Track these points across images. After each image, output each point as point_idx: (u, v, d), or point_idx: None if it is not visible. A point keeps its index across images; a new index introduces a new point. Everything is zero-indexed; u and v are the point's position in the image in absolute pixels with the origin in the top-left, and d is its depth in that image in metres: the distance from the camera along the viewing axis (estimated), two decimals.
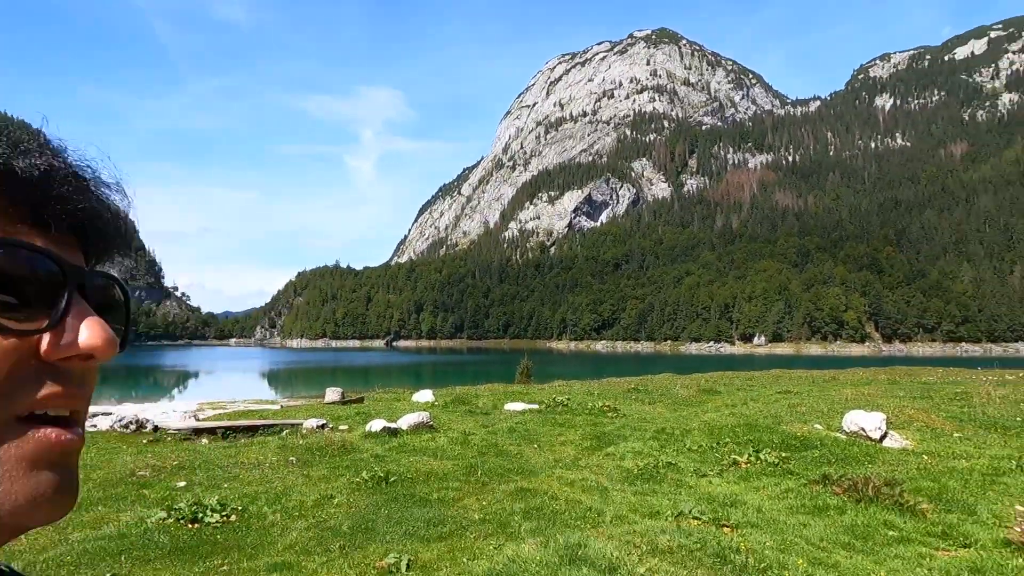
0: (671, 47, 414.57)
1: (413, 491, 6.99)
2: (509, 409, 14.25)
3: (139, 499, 6.61)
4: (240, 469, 7.94)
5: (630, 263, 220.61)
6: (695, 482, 7.76)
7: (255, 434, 10.70)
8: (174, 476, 7.57)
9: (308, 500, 6.56)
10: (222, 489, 6.98)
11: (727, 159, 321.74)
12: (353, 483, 7.26)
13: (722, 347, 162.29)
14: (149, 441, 10.07)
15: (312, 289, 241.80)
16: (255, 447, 9.28)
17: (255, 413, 13.93)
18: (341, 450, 8.88)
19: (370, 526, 5.68)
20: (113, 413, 25.22)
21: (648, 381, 25.60)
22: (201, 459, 8.34)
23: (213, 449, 9.33)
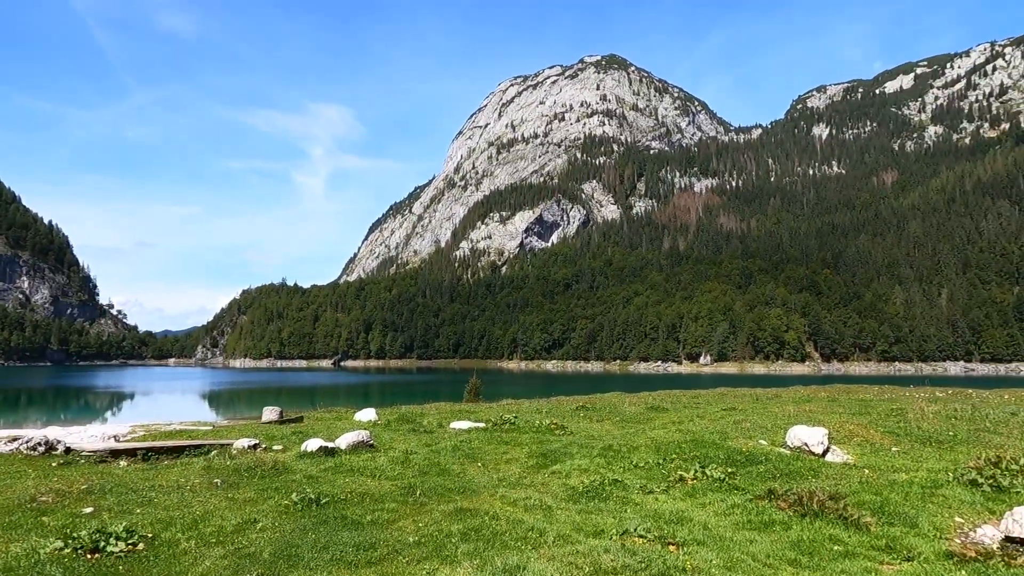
0: (620, 73, 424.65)
1: (345, 513, 6.56)
2: (455, 427, 13.87)
3: (36, 527, 6.00)
4: (157, 493, 7.34)
5: (580, 283, 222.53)
6: (641, 499, 7.58)
7: (181, 455, 10.01)
8: (80, 501, 6.94)
9: (228, 525, 6.07)
10: (134, 515, 6.40)
11: (674, 183, 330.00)
12: (281, 506, 6.79)
13: (669, 366, 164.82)
14: (59, 464, 9.27)
15: (257, 307, 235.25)
16: (177, 469, 8.65)
17: (185, 433, 13.15)
18: (272, 471, 8.37)
19: (294, 552, 5.26)
20: (34, 437, 23.56)
21: (597, 399, 25.56)
22: (114, 483, 7.70)
23: (130, 472, 8.66)
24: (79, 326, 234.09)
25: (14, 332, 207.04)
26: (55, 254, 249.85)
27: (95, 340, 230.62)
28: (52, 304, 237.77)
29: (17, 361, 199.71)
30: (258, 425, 15.25)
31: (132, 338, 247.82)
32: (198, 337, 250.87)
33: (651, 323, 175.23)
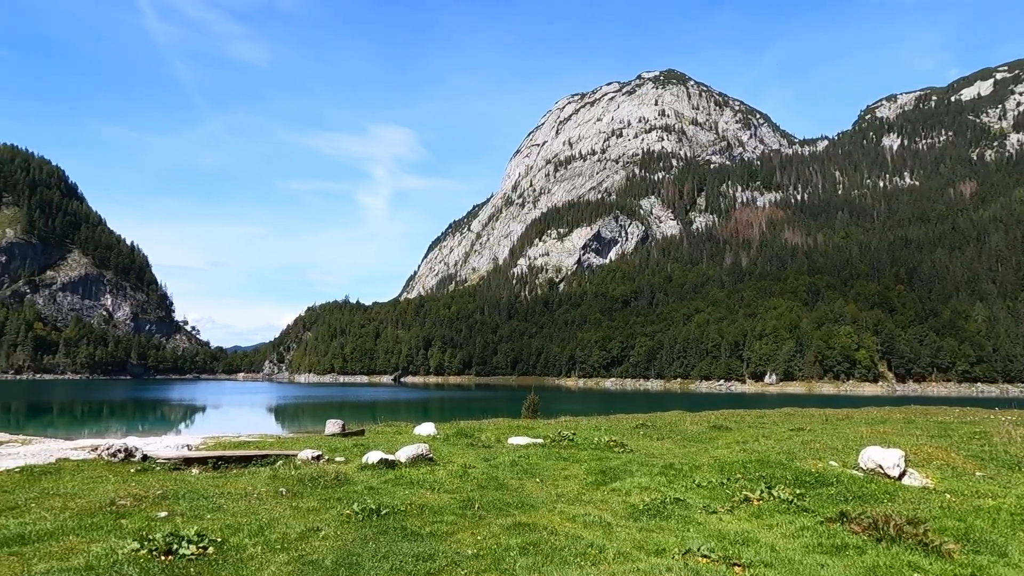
0: (679, 87, 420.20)
1: (405, 525, 6.62)
2: (512, 443, 13.83)
3: (115, 529, 6.29)
4: (226, 500, 7.60)
5: (639, 300, 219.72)
6: (704, 519, 7.35)
7: (248, 465, 10.34)
8: (156, 506, 7.25)
9: (292, 532, 6.22)
10: (204, 520, 6.64)
11: (735, 197, 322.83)
12: (343, 515, 6.91)
13: (732, 385, 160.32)
14: (137, 471, 9.73)
15: (321, 324, 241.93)
16: (245, 477, 8.95)
17: (252, 444, 13.59)
18: (335, 482, 8.54)
19: (355, 561, 5.33)
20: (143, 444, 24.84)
21: (657, 418, 25.03)
22: (187, 489, 8.02)
23: (201, 479, 9.00)
24: (157, 341, 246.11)
25: (98, 347, 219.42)
26: (136, 273, 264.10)
27: (171, 355, 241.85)
28: (132, 320, 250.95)
29: (101, 374, 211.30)
30: (321, 438, 15.62)
31: (205, 353, 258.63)
32: (265, 353, 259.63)
33: (713, 341, 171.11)
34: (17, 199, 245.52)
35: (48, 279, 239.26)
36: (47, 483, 8.60)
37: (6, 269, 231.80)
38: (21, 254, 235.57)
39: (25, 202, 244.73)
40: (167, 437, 36.02)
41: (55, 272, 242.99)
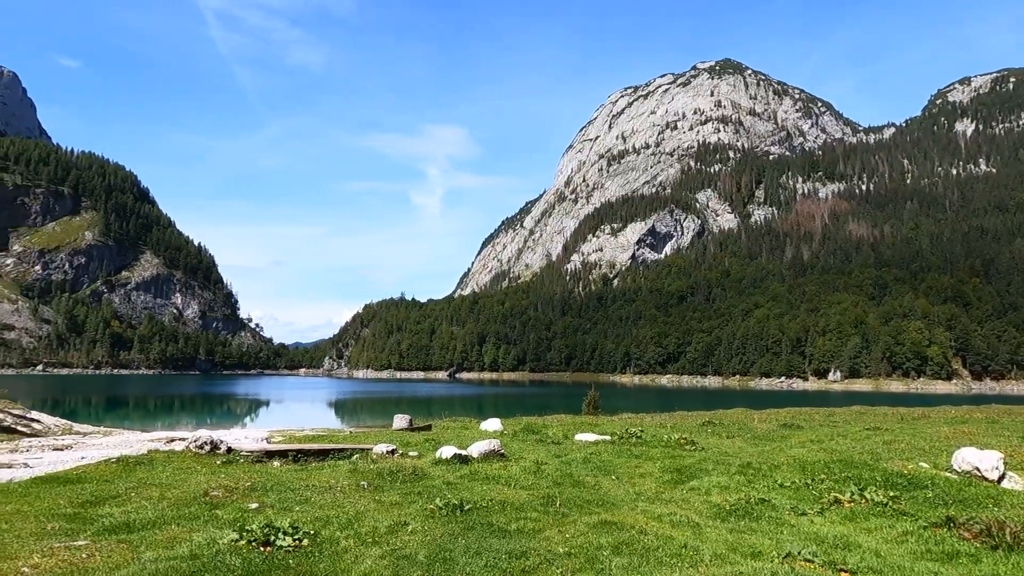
0: (735, 77, 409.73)
1: (489, 520, 6.61)
2: (580, 439, 13.71)
3: (212, 519, 6.50)
4: (311, 492, 7.77)
5: (696, 295, 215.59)
6: (796, 521, 7.07)
7: (326, 458, 10.57)
8: (246, 497, 7.46)
9: (381, 526, 6.28)
10: (294, 512, 6.80)
11: (796, 189, 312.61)
12: (427, 510, 6.96)
13: (794, 382, 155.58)
14: (223, 463, 10.09)
15: (378, 321, 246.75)
16: (326, 470, 9.13)
17: (325, 438, 13.91)
18: (412, 476, 8.62)
19: (448, 556, 5.34)
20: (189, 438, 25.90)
21: (723, 415, 24.45)
22: (273, 481, 8.23)
23: (285, 472, 9.24)
24: (223, 338, 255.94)
25: (169, 344, 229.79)
26: (203, 273, 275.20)
27: (236, 351, 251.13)
28: (200, 318, 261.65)
29: (172, 370, 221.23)
30: (391, 432, 15.86)
31: (268, 350, 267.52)
32: (325, 349, 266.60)
33: (773, 337, 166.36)
34: (95, 203, 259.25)
35: (123, 279, 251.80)
36: (142, 473, 8.99)
37: (85, 270, 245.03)
38: (99, 256, 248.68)
39: (102, 206, 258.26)
40: (234, 430, 37.32)
41: (129, 272, 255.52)
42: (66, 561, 4.94)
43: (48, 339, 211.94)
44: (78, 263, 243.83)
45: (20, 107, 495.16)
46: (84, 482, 8.27)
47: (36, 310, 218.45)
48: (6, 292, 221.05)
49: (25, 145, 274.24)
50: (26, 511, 6.61)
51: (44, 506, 6.84)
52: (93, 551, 5.23)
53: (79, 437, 29.86)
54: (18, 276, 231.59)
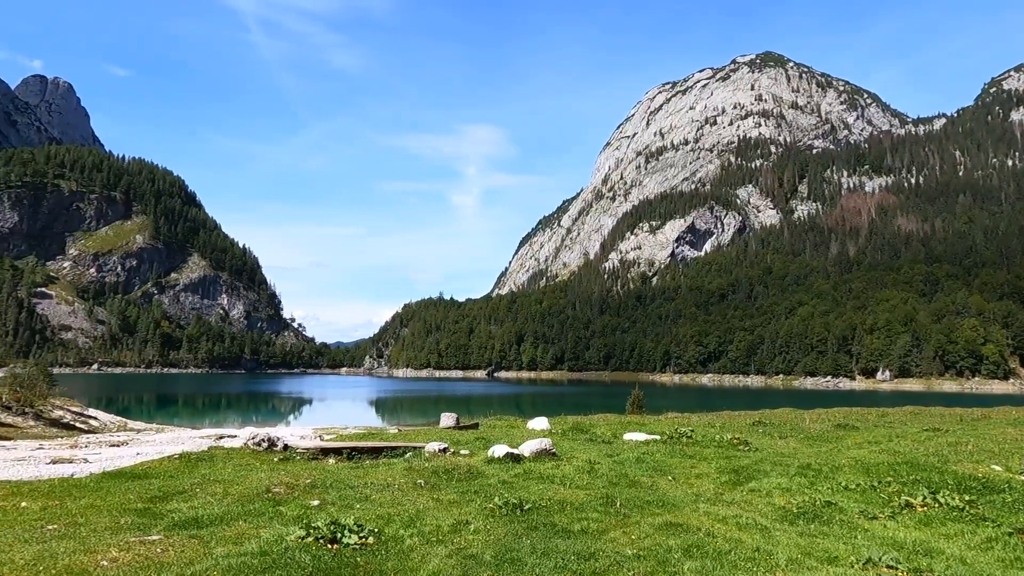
0: (777, 70, 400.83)
1: (551, 520, 6.54)
2: (630, 439, 13.53)
3: (276, 516, 6.58)
4: (370, 490, 7.81)
5: (737, 293, 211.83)
6: (868, 525, 6.81)
7: (379, 456, 10.66)
8: (308, 494, 7.55)
9: (444, 525, 6.27)
10: (355, 509, 6.84)
11: (841, 183, 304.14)
12: (486, 509, 6.92)
13: (840, 382, 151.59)
14: (280, 459, 10.25)
15: (417, 321, 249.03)
16: (382, 468, 9.19)
17: (374, 436, 14.03)
18: (467, 475, 8.60)
19: (515, 556, 5.28)
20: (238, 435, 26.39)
21: (772, 415, 23.89)
22: (332, 478, 8.31)
23: (341, 469, 9.33)
24: (267, 338, 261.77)
25: (216, 343, 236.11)
26: (248, 274, 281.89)
27: (280, 351, 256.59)
28: (246, 318, 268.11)
29: (218, 368, 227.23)
30: (438, 430, 15.92)
31: (310, 349, 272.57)
32: (366, 348, 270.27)
33: (818, 335, 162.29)
34: (145, 208, 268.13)
35: (172, 281, 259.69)
36: (204, 469, 9.20)
37: (137, 272, 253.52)
38: (149, 258, 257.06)
39: (152, 210, 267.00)
40: (280, 428, 38.08)
41: (178, 274, 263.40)
42: (142, 555, 5.04)
43: (102, 339, 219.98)
44: (130, 266, 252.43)
45: (75, 116, 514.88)
46: (150, 478, 8.50)
47: (91, 311, 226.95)
48: (63, 294, 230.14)
49: (80, 152, 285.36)
50: (99, 505, 6.81)
51: (115, 501, 7.04)
52: (166, 546, 5.34)
53: (133, 434, 30.85)
54: (74, 279, 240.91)
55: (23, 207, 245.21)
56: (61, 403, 37.25)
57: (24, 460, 15.58)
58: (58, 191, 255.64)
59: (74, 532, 5.62)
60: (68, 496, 7.25)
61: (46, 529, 5.70)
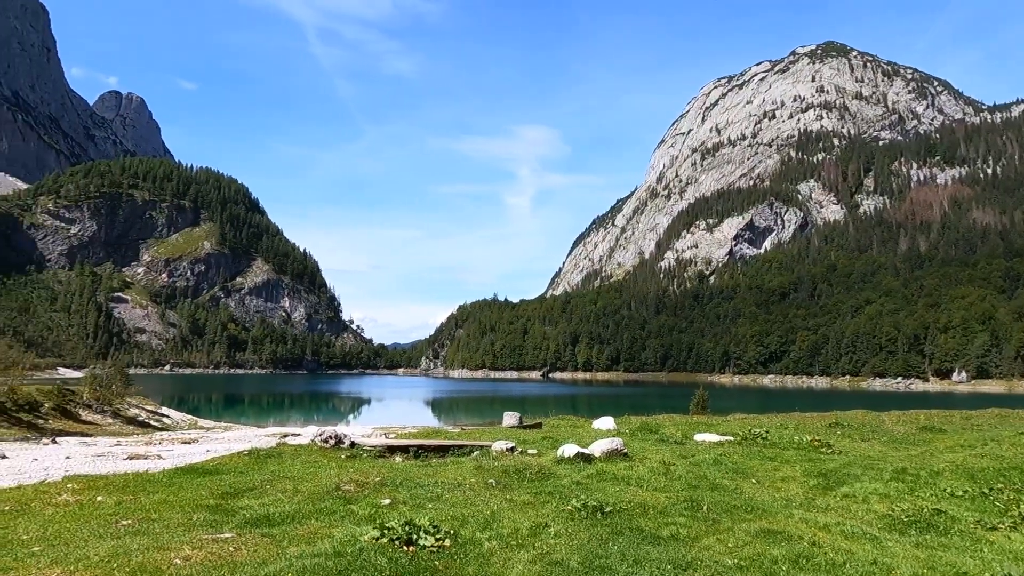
0: (839, 60, 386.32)
1: (636, 525, 6.13)
2: (701, 439, 12.94)
3: (348, 515, 6.40)
4: (441, 489, 7.57)
5: (799, 292, 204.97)
6: (991, 536, 6.15)
7: (446, 454, 10.46)
8: (378, 493, 7.36)
9: (522, 527, 5.95)
10: (427, 509, 6.59)
11: (910, 176, 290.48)
12: (564, 511, 6.57)
13: (912, 383, 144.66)
14: (347, 457, 10.16)
15: (472, 322, 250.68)
16: (451, 467, 8.96)
17: (439, 434, 13.86)
18: (539, 475, 8.27)
19: (604, 564, 4.91)
20: (302, 434, 26.88)
21: (849, 417, 22.69)
22: (401, 476, 8.11)
23: (409, 467, 9.14)
24: (327, 339, 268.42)
25: (279, 345, 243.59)
26: (308, 277, 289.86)
27: (339, 352, 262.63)
28: (307, 320, 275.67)
29: (281, 369, 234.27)
30: (501, 429, 15.67)
31: (369, 350, 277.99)
32: (422, 349, 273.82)
33: (887, 334, 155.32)
34: (212, 215, 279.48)
35: (237, 285, 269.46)
36: (273, 466, 9.17)
37: (205, 277, 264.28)
38: (216, 263, 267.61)
39: (218, 217, 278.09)
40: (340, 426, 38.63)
41: (243, 279, 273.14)
42: (215, 554, 4.92)
43: (174, 341, 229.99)
44: (198, 271, 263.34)
45: (147, 129, 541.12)
46: (221, 473, 8.51)
47: (163, 315, 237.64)
48: (138, 298, 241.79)
49: (152, 164, 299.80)
50: (171, 501, 6.80)
51: (187, 496, 7.02)
52: (239, 544, 5.21)
53: (203, 432, 31.84)
54: (147, 284, 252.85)
55: (101, 216, 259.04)
56: (137, 402, 38.86)
57: (103, 455, 16.11)
58: (132, 201, 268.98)
59: (147, 528, 5.58)
60: (142, 491, 7.29)
61: (120, 524, 5.68)
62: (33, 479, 11.30)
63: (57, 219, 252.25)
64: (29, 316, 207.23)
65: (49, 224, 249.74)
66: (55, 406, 29.75)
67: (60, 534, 5.37)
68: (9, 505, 6.46)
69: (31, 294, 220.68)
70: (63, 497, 6.76)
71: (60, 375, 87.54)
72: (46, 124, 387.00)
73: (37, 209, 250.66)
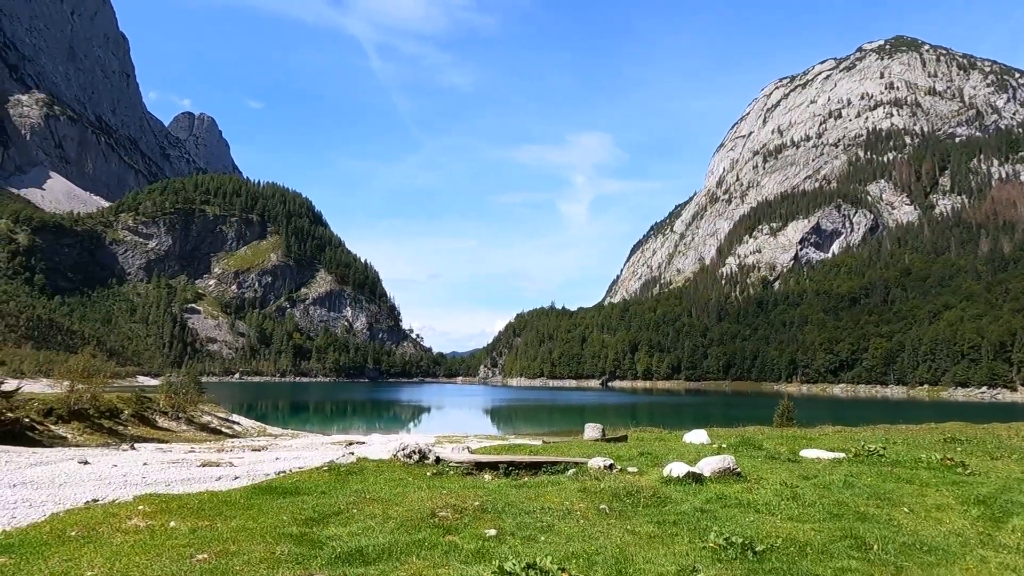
0: (910, 55, 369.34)
1: (802, 570, 5.11)
2: (813, 456, 11.64)
3: (451, 550, 5.56)
4: (549, 516, 6.66)
5: (870, 297, 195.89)
6: None
7: (538, 471, 9.57)
8: (479, 521, 6.51)
9: (667, 572, 5.02)
10: (539, 543, 5.72)
11: (990, 173, 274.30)
12: (705, 549, 5.57)
13: (999, 393, 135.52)
14: (433, 474, 9.36)
15: (529, 330, 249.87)
16: (551, 488, 8.04)
17: (523, 448, 13.01)
18: (654, 499, 7.28)
19: None
20: (366, 441, 26.52)
21: (951, 429, 20.68)
22: (501, 500, 7.25)
23: (505, 488, 8.26)
24: (388, 348, 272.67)
25: (342, 353, 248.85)
26: (369, 287, 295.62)
27: (400, 360, 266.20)
28: (368, 330, 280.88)
29: (344, 377, 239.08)
30: (581, 442, 14.69)
31: (428, 359, 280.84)
32: (480, 358, 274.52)
33: (970, 341, 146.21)
34: (277, 228, 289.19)
35: (302, 295, 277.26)
36: (356, 484, 8.46)
37: (271, 288, 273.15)
38: (282, 274, 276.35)
39: (283, 230, 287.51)
40: (401, 434, 38.33)
41: (307, 289, 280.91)
42: None
43: (243, 350, 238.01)
44: (265, 282, 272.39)
45: (217, 147, 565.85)
46: (302, 494, 7.81)
47: (233, 325, 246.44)
48: (209, 309, 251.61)
49: (222, 180, 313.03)
50: (251, 528, 6.11)
51: (268, 523, 6.32)
52: None
53: (271, 439, 32.02)
54: (218, 295, 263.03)
55: (175, 231, 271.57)
56: (209, 409, 39.64)
57: (177, 462, 16.13)
58: (204, 216, 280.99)
59: (227, 565, 4.86)
60: (218, 515, 6.62)
61: (195, 560, 5.00)
62: (113, 485, 11.35)
63: (136, 235, 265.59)
64: (111, 327, 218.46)
65: (129, 239, 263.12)
66: (134, 413, 30.41)
67: (128, 572, 4.74)
68: (77, 530, 5.92)
69: (113, 306, 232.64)
70: (133, 522, 6.19)
71: (139, 383, 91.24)
72: (126, 145, 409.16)
73: (118, 226, 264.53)
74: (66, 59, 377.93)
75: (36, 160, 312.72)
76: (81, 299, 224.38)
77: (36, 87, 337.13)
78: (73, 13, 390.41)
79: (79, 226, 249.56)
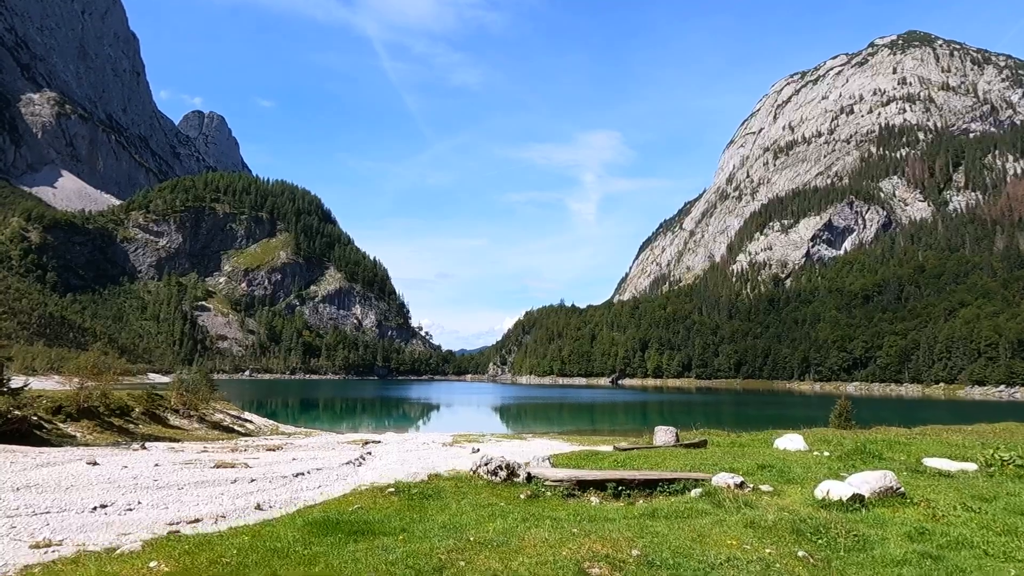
0: (923, 50, 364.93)
1: None
2: (948, 468, 9.92)
3: None
4: (736, 570, 4.96)
5: (884, 294, 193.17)
6: None
7: (654, 491, 7.92)
8: None
9: None
10: None
11: (1005, 169, 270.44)
12: None
13: (1016, 391, 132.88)
14: (528, 496, 7.56)
15: (539, 328, 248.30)
16: (706, 521, 6.24)
17: (602, 457, 11.31)
18: (854, 542, 5.52)
19: None
20: (381, 440, 24.77)
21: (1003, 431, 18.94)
22: (665, 547, 5.35)
23: (641, 521, 6.39)
24: (397, 346, 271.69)
25: (351, 351, 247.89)
26: (378, 285, 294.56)
27: (409, 358, 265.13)
28: (377, 327, 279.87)
29: (353, 375, 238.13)
30: (665, 449, 12.99)
31: (437, 356, 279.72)
32: (489, 355, 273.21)
33: (987, 339, 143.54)
34: (287, 226, 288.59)
35: (312, 293, 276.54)
36: (438, 515, 6.51)
37: (281, 285, 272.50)
38: (291, 272, 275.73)
39: (293, 228, 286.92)
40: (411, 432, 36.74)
41: (316, 287, 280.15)
42: None
43: (252, 348, 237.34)
44: (275, 280, 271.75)
45: (227, 145, 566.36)
46: (376, 533, 5.66)
47: (243, 322, 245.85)
48: (220, 307, 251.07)
49: (231, 179, 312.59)
50: None
51: None
52: None
53: (285, 438, 30.57)
54: (228, 292, 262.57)
55: (186, 229, 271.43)
56: (221, 407, 38.28)
57: (190, 463, 14.80)
58: (214, 214, 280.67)
59: None
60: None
61: None
62: (122, 489, 10.49)
63: (147, 232, 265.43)
64: (122, 324, 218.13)
65: (140, 237, 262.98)
66: (145, 411, 29.23)
67: None
68: None
69: (124, 303, 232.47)
70: None
71: (150, 380, 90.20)
72: (137, 144, 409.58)
73: (129, 224, 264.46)
74: (77, 58, 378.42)
75: (47, 158, 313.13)
76: (92, 297, 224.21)
77: (47, 86, 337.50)
78: (84, 12, 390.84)
79: (90, 224, 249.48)
